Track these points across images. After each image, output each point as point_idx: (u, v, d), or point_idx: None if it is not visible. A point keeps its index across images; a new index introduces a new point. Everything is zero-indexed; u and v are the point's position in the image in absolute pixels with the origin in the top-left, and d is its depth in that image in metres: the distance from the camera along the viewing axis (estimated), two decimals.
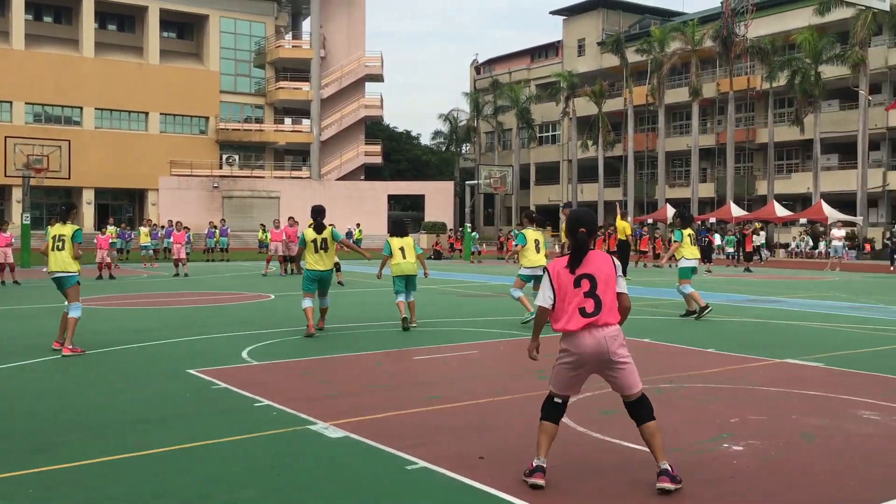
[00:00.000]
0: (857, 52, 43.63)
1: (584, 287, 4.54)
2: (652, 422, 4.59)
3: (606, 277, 4.57)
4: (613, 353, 4.52)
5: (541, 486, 4.49)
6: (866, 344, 10.36)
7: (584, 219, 4.71)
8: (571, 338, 4.56)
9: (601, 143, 57.99)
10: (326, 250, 10.93)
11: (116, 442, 5.49)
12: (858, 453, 5.30)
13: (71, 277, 9.52)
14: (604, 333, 4.51)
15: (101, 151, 56.16)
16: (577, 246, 4.63)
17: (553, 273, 4.63)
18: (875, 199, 48.37)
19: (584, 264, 4.58)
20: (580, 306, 4.52)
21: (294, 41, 65.95)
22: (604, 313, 4.52)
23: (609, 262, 4.64)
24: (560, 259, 4.69)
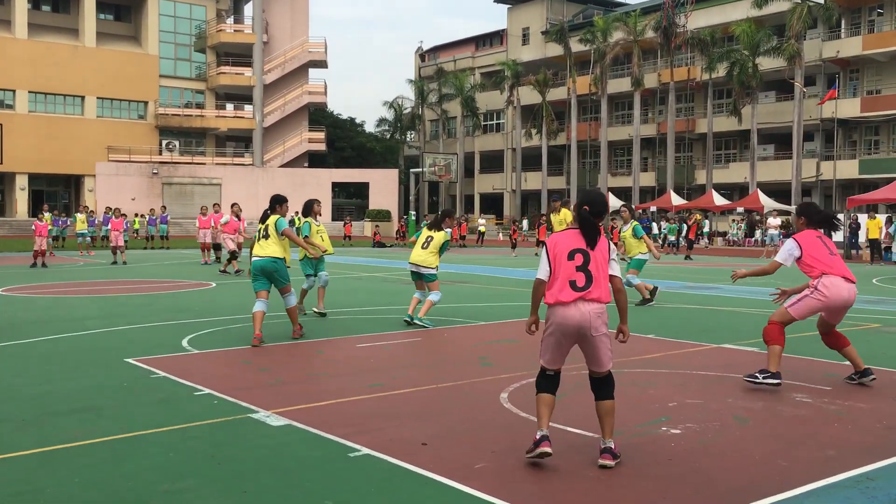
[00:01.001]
0: (792, 45, 44.71)
1: (576, 261, 4.68)
2: (611, 401, 4.79)
3: (601, 256, 4.72)
4: (595, 328, 4.68)
5: (549, 453, 4.63)
6: (798, 329, 10.63)
7: (591, 197, 4.87)
8: (559, 309, 4.68)
9: (545, 131, 58.41)
10: (268, 238, 9.59)
11: (50, 433, 5.35)
12: (790, 435, 5.46)
13: None
14: (590, 308, 4.66)
15: (35, 136, 54.48)
16: (583, 222, 4.75)
17: (550, 245, 4.78)
18: (809, 188, 49.73)
19: (583, 240, 4.72)
20: (571, 279, 4.66)
21: (236, 25, 64.79)
22: (593, 289, 4.67)
23: (605, 243, 4.78)
24: (559, 234, 4.87)
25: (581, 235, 4.76)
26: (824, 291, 6.62)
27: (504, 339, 9.59)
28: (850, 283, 6.72)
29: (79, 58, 56.65)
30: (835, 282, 6.63)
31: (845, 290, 6.66)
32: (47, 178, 57.40)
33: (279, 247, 9.39)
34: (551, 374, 4.86)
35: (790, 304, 6.82)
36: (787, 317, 6.81)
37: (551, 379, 4.87)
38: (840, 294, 6.64)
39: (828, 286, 6.61)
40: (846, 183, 48.20)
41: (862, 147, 49.56)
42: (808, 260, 6.71)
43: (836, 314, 6.90)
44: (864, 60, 48.34)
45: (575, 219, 4.94)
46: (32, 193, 55.85)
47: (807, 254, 6.72)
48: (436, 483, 4.43)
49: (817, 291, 6.65)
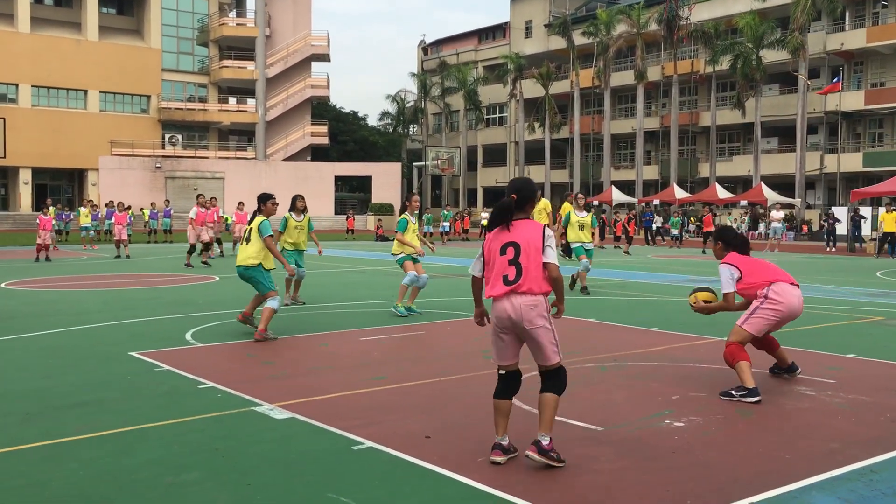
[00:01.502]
0: (796, 38, 44.58)
1: (508, 255, 4.58)
2: (553, 395, 4.63)
3: (532, 246, 4.57)
4: (529, 321, 4.55)
5: (499, 462, 4.56)
6: (802, 322, 10.64)
7: (515, 185, 4.78)
8: (494, 304, 4.66)
9: (548, 125, 58.32)
10: (249, 241, 9.17)
11: (54, 426, 5.37)
12: (793, 428, 5.46)
13: None
14: (521, 301, 4.55)
15: (39, 130, 54.48)
16: (498, 209, 4.67)
17: (486, 241, 4.74)
18: (812, 181, 49.67)
19: (511, 232, 4.62)
20: (503, 273, 4.59)
21: (238, 19, 64.71)
22: (525, 281, 4.54)
23: (538, 232, 4.62)
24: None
25: (503, 222, 4.66)
26: (777, 298, 6.35)
27: None
28: (796, 287, 6.53)
29: (81, 52, 56.62)
30: (784, 287, 6.41)
31: (795, 297, 6.44)
32: (50, 172, 57.44)
33: (256, 250, 8.99)
34: (503, 374, 4.75)
35: (742, 321, 6.47)
36: (742, 335, 6.42)
37: (505, 381, 4.74)
38: (791, 301, 6.41)
39: (779, 293, 6.37)
40: (850, 176, 48.11)
41: (866, 140, 49.45)
42: (748, 278, 6.45)
43: (786, 322, 6.56)
44: (869, 53, 48.20)
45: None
46: (36, 188, 55.88)
47: (746, 270, 6.49)
48: (438, 476, 4.44)
49: (768, 300, 6.37)
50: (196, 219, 21.32)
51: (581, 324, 10.37)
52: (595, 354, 8.08)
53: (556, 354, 4.66)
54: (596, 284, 16.01)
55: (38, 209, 40.99)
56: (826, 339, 9.24)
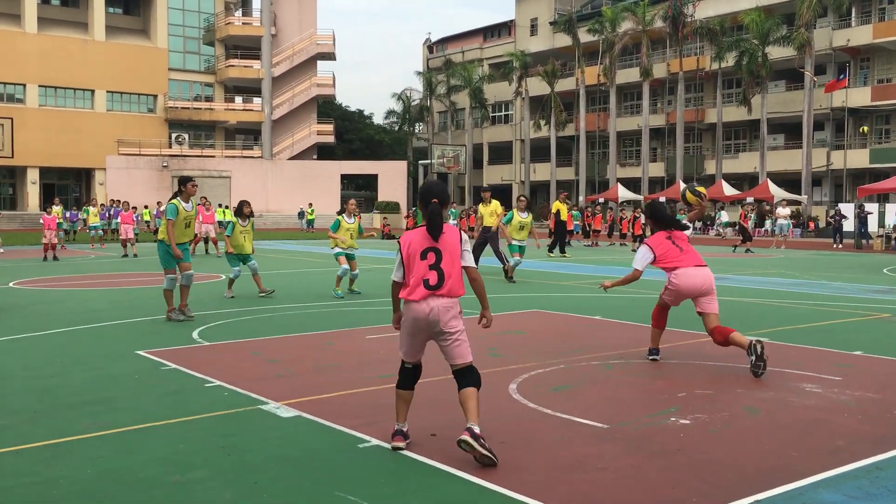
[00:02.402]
0: (802, 34, 44.43)
1: (429, 259, 4.68)
2: (475, 388, 4.74)
3: (452, 251, 4.71)
4: (445, 323, 4.69)
5: (401, 447, 4.75)
6: (809, 319, 10.64)
7: (435, 189, 4.84)
8: (410, 305, 4.73)
9: (553, 122, 58.26)
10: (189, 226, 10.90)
11: (62, 424, 5.40)
12: (801, 425, 5.45)
13: None
14: (438, 304, 4.67)
15: (46, 130, 54.68)
16: (430, 215, 4.70)
17: (403, 245, 4.76)
18: (819, 178, 49.50)
19: (431, 237, 4.70)
20: (424, 278, 4.67)
21: (244, 18, 64.79)
22: (447, 285, 4.68)
23: (456, 237, 4.76)
24: (411, 232, 4.81)
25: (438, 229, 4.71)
26: (675, 281, 7.32)
27: (512, 331, 9.60)
28: (701, 267, 7.35)
29: (88, 52, 56.78)
30: (686, 272, 7.29)
31: (698, 277, 7.28)
32: (58, 171, 57.64)
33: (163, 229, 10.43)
34: (409, 367, 4.93)
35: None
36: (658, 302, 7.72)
37: (409, 373, 4.93)
38: (691, 281, 7.26)
39: (678, 275, 7.30)
40: (857, 172, 47.94)
41: (873, 136, 49.25)
42: (660, 262, 7.40)
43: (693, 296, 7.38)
44: (875, 49, 48.00)
45: (422, 211, 4.82)
46: (43, 187, 56.09)
47: (659, 255, 7.38)
48: (444, 473, 4.45)
49: (670, 284, 7.38)
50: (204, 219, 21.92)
51: (587, 321, 10.37)
52: (600, 352, 8.08)
53: (469, 353, 4.81)
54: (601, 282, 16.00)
55: (45, 209, 41.10)
56: (833, 336, 9.22)
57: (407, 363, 4.94)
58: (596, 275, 17.83)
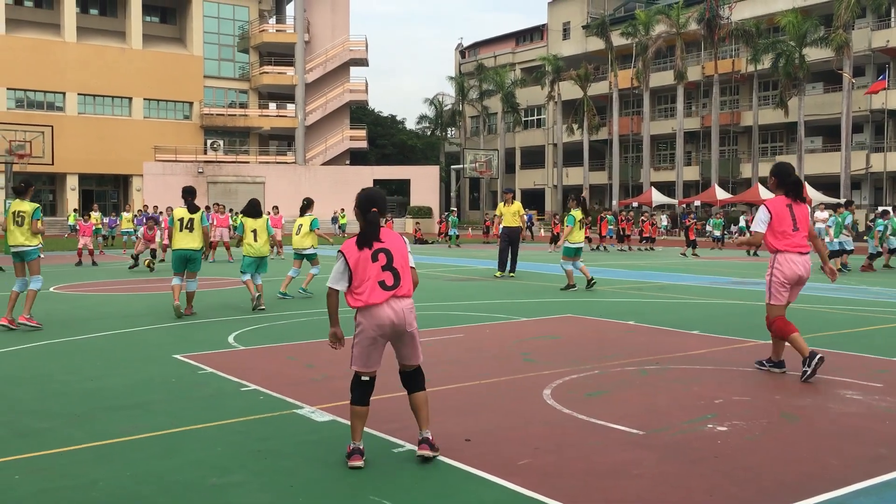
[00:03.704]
0: (840, 35, 43.78)
1: (381, 261, 4.65)
2: (422, 392, 4.79)
3: (401, 252, 4.73)
4: (409, 323, 4.68)
5: (360, 466, 4.58)
6: (848, 325, 10.46)
7: (376, 198, 4.83)
8: (372, 311, 4.62)
9: (586, 126, 58.01)
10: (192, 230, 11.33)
11: (101, 427, 5.48)
12: (840, 432, 5.36)
13: (33, 251, 10.07)
14: (402, 305, 4.65)
15: (85, 137, 55.67)
16: (369, 224, 4.71)
17: (347, 253, 4.67)
18: (858, 181, 48.71)
19: (379, 240, 4.70)
20: (379, 279, 4.62)
21: (278, 25, 65.46)
22: (403, 285, 4.67)
23: (401, 238, 4.81)
24: (350, 240, 4.74)
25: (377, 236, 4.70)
26: (779, 268, 6.94)
27: (546, 335, 9.56)
28: (804, 255, 6.97)
29: (126, 60, 57.72)
30: (788, 258, 6.91)
31: (800, 266, 6.92)
32: (96, 178, 58.65)
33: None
34: (367, 381, 4.74)
35: (767, 299, 7.13)
36: (773, 311, 7.08)
37: (366, 387, 4.74)
38: (794, 269, 6.90)
39: (781, 262, 6.93)
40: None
41: None
42: (770, 232, 6.93)
43: (793, 291, 7.08)
44: None
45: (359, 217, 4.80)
46: (82, 193, 57.07)
47: (774, 221, 6.92)
48: (479, 479, 4.44)
49: (775, 269, 6.99)
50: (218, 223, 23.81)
51: (621, 326, 10.30)
52: (635, 357, 8.02)
53: (421, 354, 4.85)
54: (635, 286, 15.89)
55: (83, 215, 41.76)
56: (873, 342, 9.06)
57: (364, 376, 4.73)
58: (629, 279, 17.71)
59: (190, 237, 11.29)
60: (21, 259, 10.10)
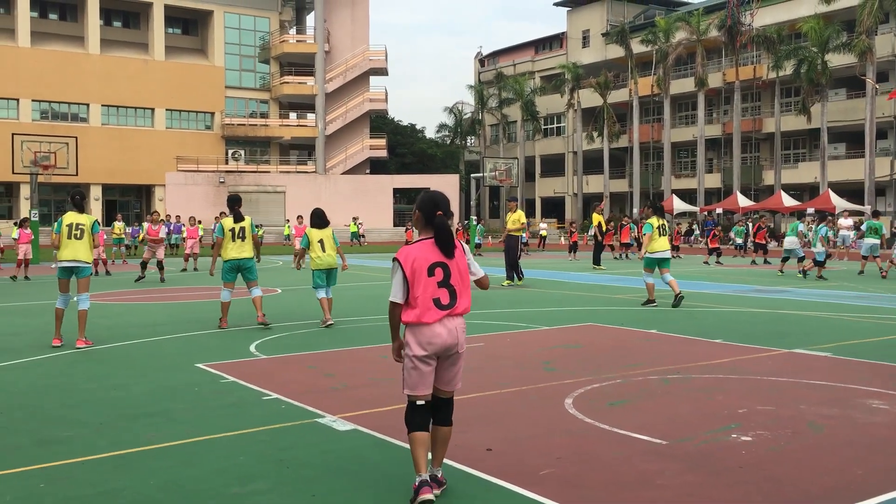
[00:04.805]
0: (863, 41, 43.41)
1: (437, 276, 4.23)
2: (449, 428, 4.39)
3: (460, 267, 4.32)
4: (461, 344, 4.34)
5: (431, 500, 4.11)
6: (873, 333, 10.34)
7: (439, 199, 4.36)
8: (423, 329, 4.23)
9: (606, 134, 57.86)
10: (244, 239, 11.15)
11: (124, 436, 5.51)
12: (866, 443, 5.29)
13: (87, 268, 9.61)
14: (456, 324, 4.29)
15: (108, 148, 56.25)
16: (439, 229, 4.26)
17: (405, 263, 4.23)
18: (883, 187, 48.19)
19: (439, 251, 4.26)
20: (434, 297, 4.22)
21: (298, 36, 65.90)
22: (459, 304, 4.29)
23: (461, 249, 4.35)
24: (412, 247, 4.31)
25: (436, 246, 4.25)
26: None
27: (567, 345, 9.52)
28: None
29: (148, 71, 58.31)
30: None
31: None
32: (120, 188, 59.21)
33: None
34: (423, 405, 4.29)
35: None
36: None
37: (423, 411, 4.29)
38: None
39: None
40: None
41: None
42: None
43: None
44: None
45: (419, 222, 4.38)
46: (106, 203, 57.65)
47: None
48: (501, 489, 4.42)
49: None
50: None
51: (643, 335, 10.24)
52: (658, 366, 7.96)
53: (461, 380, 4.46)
54: (657, 295, 15.80)
55: (108, 224, 42.21)
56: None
57: (419, 400, 4.29)
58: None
59: (241, 246, 11.07)
60: (70, 275, 9.56)
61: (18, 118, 54.83)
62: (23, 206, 52.21)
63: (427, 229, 4.33)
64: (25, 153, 30.47)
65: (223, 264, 11.21)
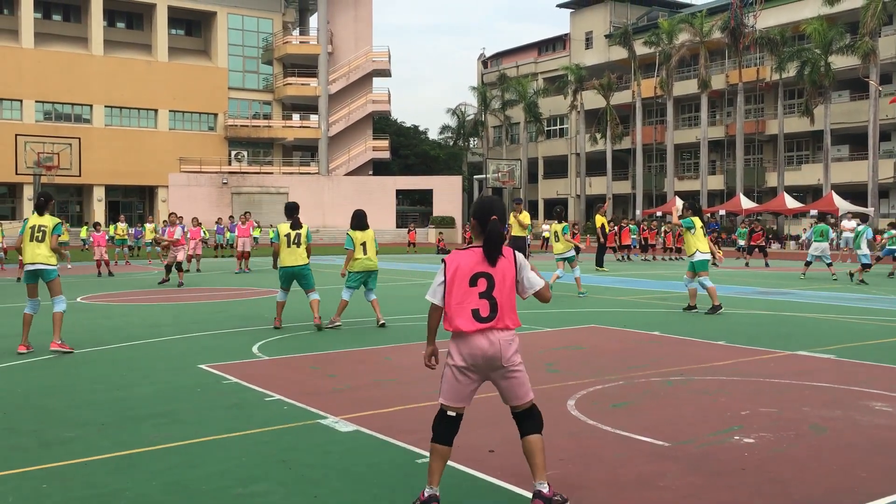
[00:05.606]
0: (866, 42, 43.36)
1: (479, 287, 4.04)
2: (537, 436, 4.14)
3: (506, 280, 4.08)
4: (508, 359, 4.08)
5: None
6: (877, 335, 10.33)
7: (494, 205, 4.21)
8: (465, 339, 4.06)
9: (609, 136, 57.83)
10: (299, 245, 11.05)
11: (127, 437, 5.52)
12: (870, 445, 5.28)
13: (52, 271, 9.10)
14: (500, 337, 4.06)
15: (111, 149, 56.38)
16: (490, 236, 4.07)
17: (450, 267, 4.10)
18: (886, 189, 48.13)
19: (486, 261, 4.08)
20: (473, 307, 4.04)
21: (301, 37, 65.99)
22: (500, 317, 4.06)
23: (510, 262, 4.11)
24: (461, 253, 4.15)
25: (483, 255, 4.07)
26: None
27: (570, 346, 9.52)
28: None
29: (152, 72, 58.43)
30: None
31: None
32: (123, 189, 59.33)
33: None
34: (452, 417, 4.14)
35: None
36: None
37: (451, 423, 4.14)
38: None
39: None
40: None
41: None
42: None
43: None
44: None
45: (475, 230, 4.19)
46: (109, 204, 57.75)
47: None
48: (503, 490, 4.43)
49: None
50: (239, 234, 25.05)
51: (645, 336, 10.23)
52: (660, 368, 7.95)
53: (531, 391, 4.23)
54: (662, 297, 15.78)
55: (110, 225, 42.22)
56: None
57: (451, 411, 4.15)
58: (653, 289, 17.60)
59: (297, 253, 10.98)
60: (35, 279, 9.12)
61: (22, 119, 54.97)
62: (26, 207, 52.32)
63: (481, 237, 4.14)
64: (29, 154, 30.57)
65: (280, 271, 11.14)
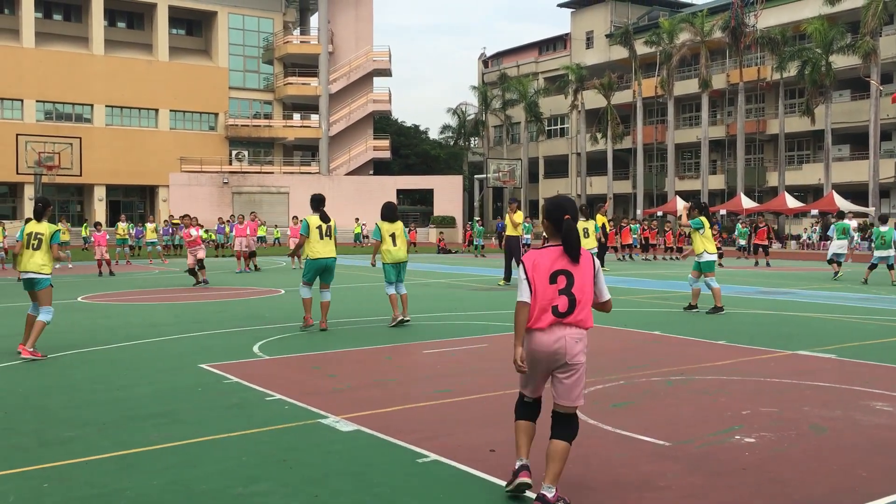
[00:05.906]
0: (867, 42, 43.35)
1: (559, 284, 4.12)
2: (566, 444, 4.16)
3: (585, 278, 4.16)
4: (572, 357, 4.15)
5: (528, 484, 4.21)
6: (878, 335, 10.32)
7: (566, 204, 4.27)
8: (533, 334, 4.17)
9: (610, 135, 57.83)
10: (331, 237, 10.94)
11: (128, 436, 5.52)
12: (870, 444, 5.28)
13: (44, 280, 8.89)
14: (568, 333, 4.13)
15: (112, 148, 56.36)
16: (568, 235, 4.15)
17: (529, 266, 4.18)
18: (887, 189, 48.11)
19: (563, 259, 4.15)
20: (553, 303, 4.12)
21: (302, 37, 65.98)
22: (576, 313, 4.14)
23: (589, 262, 4.21)
24: (538, 252, 4.24)
25: (563, 252, 4.15)
26: None
27: None
28: None
29: (152, 72, 58.41)
30: None
31: None
32: (123, 188, 59.32)
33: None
34: (529, 402, 4.37)
35: None
36: None
37: (529, 407, 4.37)
38: None
39: None
40: None
41: None
42: None
43: None
44: None
45: (549, 230, 4.27)
46: (110, 204, 57.74)
47: None
48: (503, 489, 4.42)
49: None
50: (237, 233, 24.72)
51: (646, 336, 10.23)
52: (661, 368, 7.95)
53: (582, 396, 4.28)
54: (662, 296, 15.79)
55: (112, 225, 42.29)
56: None
57: (527, 397, 4.38)
58: (654, 289, 17.60)
59: (330, 245, 10.89)
60: (31, 286, 8.89)
61: (23, 119, 54.95)
62: (27, 206, 52.29)
63: (556, 236, 4.21)
64: (29, 154, 30.58)
65: (310, 263, 10.89)
